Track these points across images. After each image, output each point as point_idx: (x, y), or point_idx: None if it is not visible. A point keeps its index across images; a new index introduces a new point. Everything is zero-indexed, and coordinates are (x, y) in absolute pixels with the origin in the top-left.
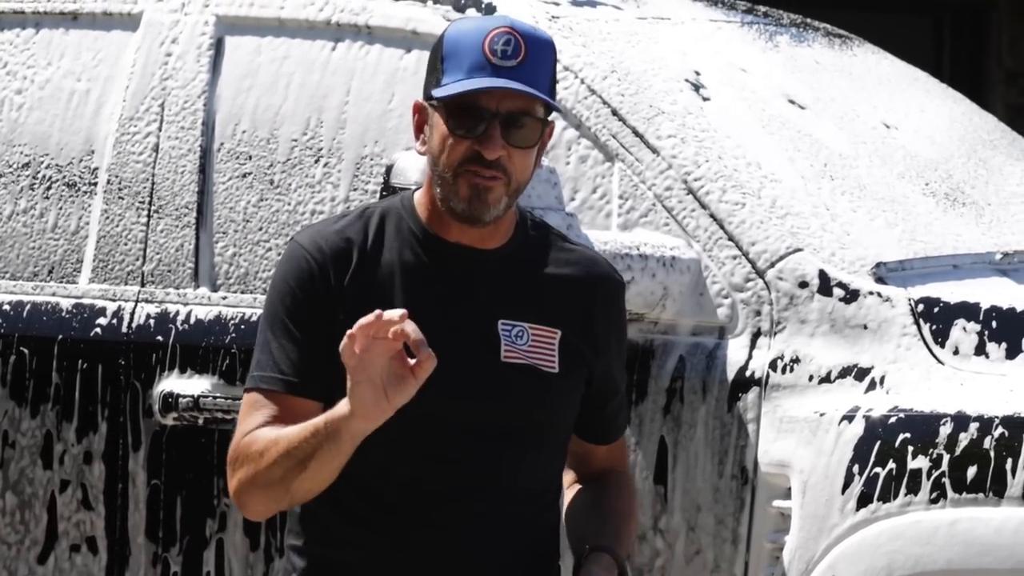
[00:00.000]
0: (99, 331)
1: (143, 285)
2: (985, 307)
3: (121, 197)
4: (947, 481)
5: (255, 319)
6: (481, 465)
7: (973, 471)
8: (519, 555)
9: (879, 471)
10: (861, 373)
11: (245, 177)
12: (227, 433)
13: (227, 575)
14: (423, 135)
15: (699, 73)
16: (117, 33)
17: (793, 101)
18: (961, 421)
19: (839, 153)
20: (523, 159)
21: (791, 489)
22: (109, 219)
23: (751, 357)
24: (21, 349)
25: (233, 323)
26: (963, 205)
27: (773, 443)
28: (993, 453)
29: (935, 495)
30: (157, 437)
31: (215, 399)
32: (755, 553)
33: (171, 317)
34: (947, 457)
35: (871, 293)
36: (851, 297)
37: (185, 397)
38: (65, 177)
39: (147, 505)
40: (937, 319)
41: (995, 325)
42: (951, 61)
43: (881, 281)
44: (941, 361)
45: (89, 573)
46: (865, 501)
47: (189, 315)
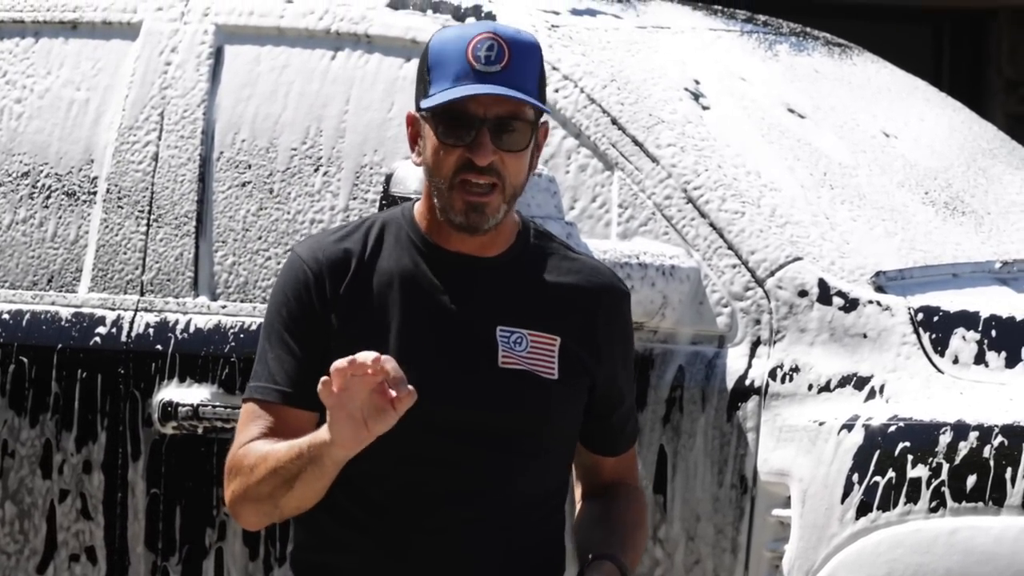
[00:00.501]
0: (98, 340)
1: (142, 294)
2: (985, 316)
3: (120, 206)
4: (947, 490)
5: (254, 328)
6: (478, 470)
7: (973, 480)
8: (519, 562)
9: (879, 480)
10: (861, 382)
11: (244, 186)
12: (226, 442)
13: None
14: (417, 147)
15: (699, 82)
16: (117, 42)
17: (793, 110)
18: (961, 430)
19: (839, 162)
20: (516, 163)
21: (791, 498)
22: (108, 228)
23: (750, 366)
24: (20, 358)
25: (232, 332)
26: (963, 214)
27: (773, 452)
28: (993, 462)
29: (935, 504)
30: (156, 446)
31: (214, 408)
32: (754, 562)
33: (170, 326)
34: (947, 466)
35: (871, 302)
36: (851, 306)
37: (184, 406)
38: (64, 186)
39: (146, 514)
40: (937, 328)
41: (995, 334)
42: (950, 70)
43: (881, 290)
44: (941, 370)
45: None
46: (865, 510)
47: (188, 324)
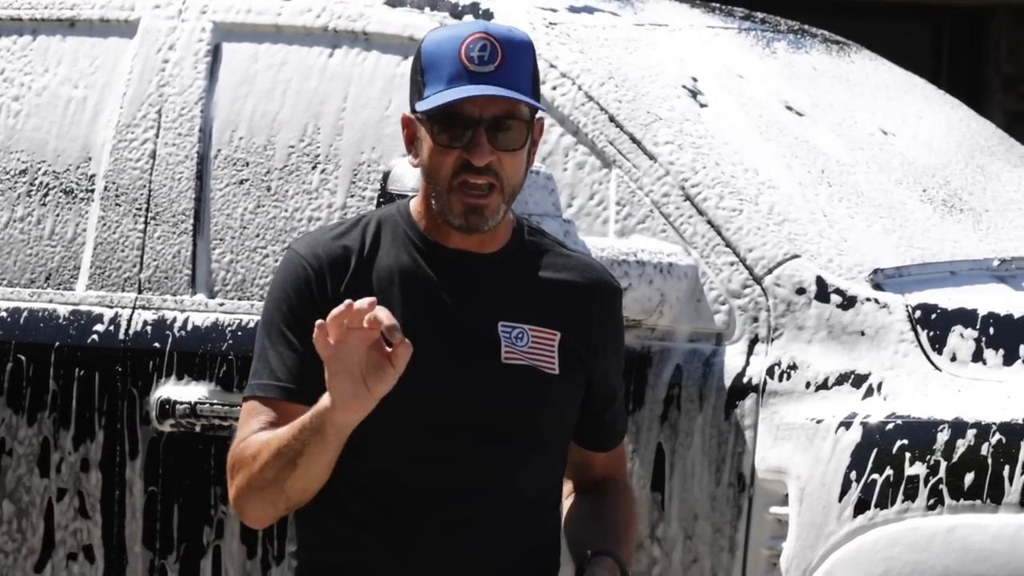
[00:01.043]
0: (96, 338)
1: (140, 292)
2: (982, 313)
3: (118, 204)
4: (944, 488)
5: (252, 326)
6: (482, 467)
7: (970, 478)
8: (519, 559)
9: (876, 478)
10: (858, 380)
11: (242, 184)
12: (224, 440)
13: None
14: (414, 148)
15: (696, 79)
16: (114, 40)
17: (791, 107)
18: (958, 428)
19: (837, 159)
20: (513, 162)
21: (788, 496)
22: (106, 226)
23: (748, 364)
24: (18, 356)
25: (230, 330)
26: (960, 211)
27: (770, 450)
28: (990, 460)
29: (932, 502)
30: (154, 444)
31: (212, 406)
32: (752, 560)
33: (168, 324)
34: (944, 464)
35: (868, 299)
36: (848, 303)
37: (182, 404)
38: (62, 184)
39: (144, 513)
40: (934, 325)
41: (992, 331)
42: (949, 67)
43: (878, 287)
44: (938, 367)
45: None
46: (862, 508)
47: (186, 322)
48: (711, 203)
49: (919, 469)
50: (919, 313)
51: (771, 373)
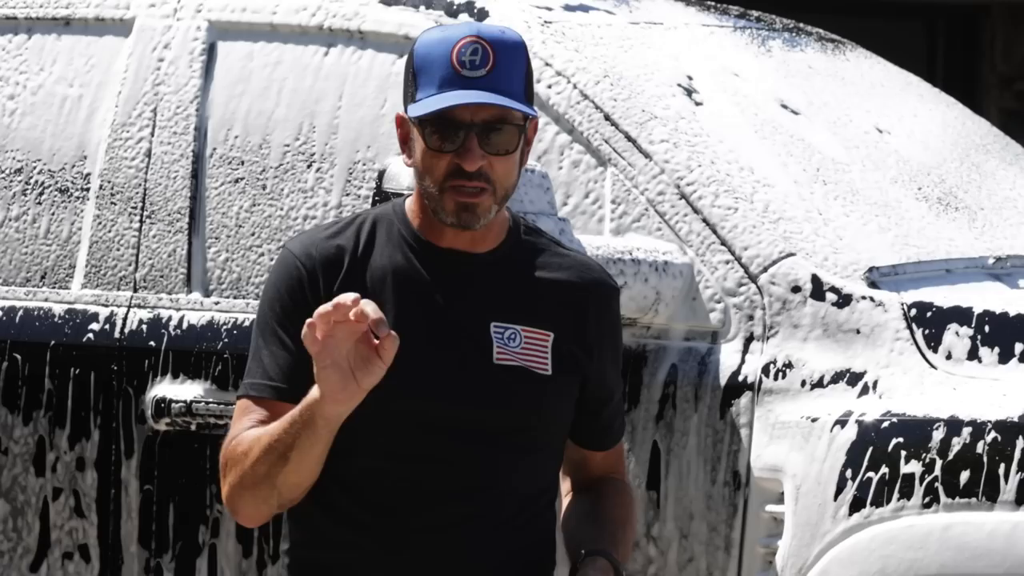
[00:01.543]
0: (91, 337)
1: (135, 291)
2: (978, 311)
3: (113, 202)
4: (940, 486)
5: (247, 324)
6: (474, 467)
7: (966, 476)
8: (513, 558)
9: (872, 476)
10: (854, 378)
11: (237, 182)
12: (220, 438)
13: None
14: (408, 147)
15: (692, 78)
16: (109, 39)
17: (786, 106)
18: (954, 426)
19: (832, 158)
20: (505, 165)
21: (784, 494)
22: (101, 224)
23: (744, 362)
24: (13, 355)
25: (226, 328)
26: (956, 209)
27: (766, 448)
28: (986, 458)
29: (928, 500)
30: (150, 443)
31: (208, 404)
32: (748, 558)
33: (164, 323)
34: (940, 462)
35: (864, 298)
36: (844, 302)
37: (178, 403)
38: (58, 183)
39: (140, 512)
40: (930, 324)
41: (988, 329)
42: (944, 65)
43: (874, 286)
44: (934, 366)
45: None
46: (858, 506)
47: (182, 320)
48: (706, 201)
49: (915, 467)
50: (914, 311)
51: (767, 371)
